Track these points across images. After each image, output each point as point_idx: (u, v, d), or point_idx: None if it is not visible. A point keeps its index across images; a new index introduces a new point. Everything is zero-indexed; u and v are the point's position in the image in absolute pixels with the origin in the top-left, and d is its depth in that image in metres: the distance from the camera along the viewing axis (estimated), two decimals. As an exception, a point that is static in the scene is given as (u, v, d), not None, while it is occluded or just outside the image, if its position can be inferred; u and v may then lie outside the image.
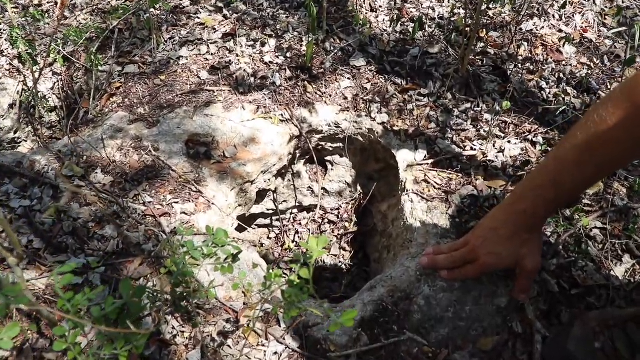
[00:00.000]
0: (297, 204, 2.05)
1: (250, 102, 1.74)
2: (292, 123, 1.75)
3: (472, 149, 1.70)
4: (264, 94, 1.76)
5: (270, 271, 0.77)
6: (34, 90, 1.78)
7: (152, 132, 1.62)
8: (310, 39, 1.74)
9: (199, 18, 2.01)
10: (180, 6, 2.06)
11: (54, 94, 1.94)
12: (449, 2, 2.18)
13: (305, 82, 1.81)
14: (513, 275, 1.27)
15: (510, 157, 1.68)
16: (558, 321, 1.30)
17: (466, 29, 1.91)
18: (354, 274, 1.97)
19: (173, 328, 1.24)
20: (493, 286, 1.31)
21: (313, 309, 0.76)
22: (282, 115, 1.74)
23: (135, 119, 1.67)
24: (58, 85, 1.93)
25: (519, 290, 1.25)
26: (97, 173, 1.51)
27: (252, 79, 1.80)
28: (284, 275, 1.98)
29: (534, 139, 1.72)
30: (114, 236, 1.38)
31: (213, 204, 1.50)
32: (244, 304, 1.32)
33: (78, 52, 1.96)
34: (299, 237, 2.05)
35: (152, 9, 1.85)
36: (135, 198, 1.46)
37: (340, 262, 2.01)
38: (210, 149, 1.63)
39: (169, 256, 1.29)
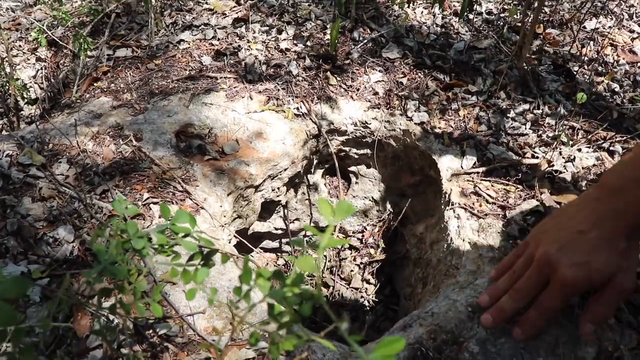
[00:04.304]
0: (312, 224, 1.70)
1: (260, 91, 1.43)
2: (310, 119, 1.43)
3: (533, 156, 1.36)
4: (277, 84, 1.45)
5: (249, 264, 0.42)
6: (10, 74, 1.51)
7: (136, 119, 1.32)
8: (335, 22, 1.44)
9: (207, 4, 1.74)
10: (188, -9, 1.80)
11: (35, 82, 1.67)
12: (497, -2, 1.89)
13: (328, 73, 1.50)
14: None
15: (583, 167, 1.32)
16: (670, 386, 0.92)
17: (520, 24, 1.60)
18: (378, 313, 1.59)
19: (130, 368, 0.89)
20: (574, 328, 0.94)
21: (321, 340, 0.41)
22: (297, 109, 1.42)
23: (119, 104, 1.37)
24: (41, 73, 1.66)
25: (592, 317, 0.86)
26: (60, 163, 1.20)
27: (264, 67, 1.49)
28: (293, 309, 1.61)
29: (611, 148, 1.37)
30: (68, 240, 1.05)
31: (202, 208, 1.17)
32: (232, 339, 0.96)
33: (68, 37, 1.70)
34: (312, 264, 1.69)
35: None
36: (103, 194, 1.14)
37: (362, 297, 1.63)
38: (205, 143, 1.31)
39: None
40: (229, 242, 1.30)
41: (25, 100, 1.66)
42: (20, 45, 1.68)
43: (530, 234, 0.93)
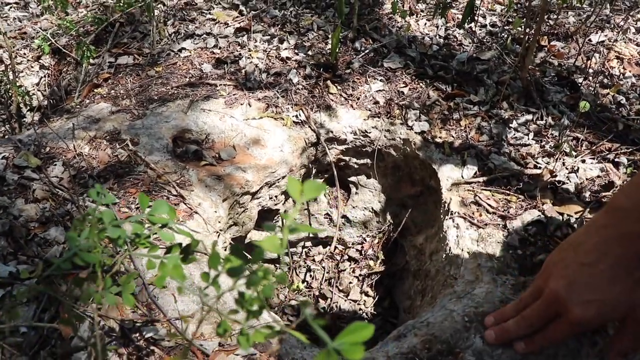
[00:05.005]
0: (310, 235, 1.68)
1: (259, 99, 1.43)
2: (309, 126, 1.42)
3: (536, 166, 1.33)
4: (276, 92, 1.45)
5: (217, 247, 0.40)
6: (13, 80, 1.52)
7: (134, 124, 1.32)
8: (336, 30, 1.44)
9: (210, 14, 1.75)
10: (192, 2, 1.82)
11: (38, 90, 1.68)
12: (501, 11, 1.88)
13: (328, 82, 1.49)
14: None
15: (587, 178, 1.29)
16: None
17: (523, 35, 1.59)
18: (377, 326, 1.55)
19: (114, 372, 0.87)
20: (575, 342, 0.91)
21: (293, 332, 0.39)
22: (296, 116, 1.41)
23: (118, 110, 1.37)
24: (44, 80, 1.67)
25: (617, 350, 0.83)
26: (56, 165, 1.20)
27: (264, 75, 1.49)
28: (288, 322, 1.58)
29: (616, 159, 1.34)
30: (59, 240, 1.04)
31: (196, 212, 1.15)
32: (219, 344, 0.94)
33: (71, 46, 1.71)
34: (310, 276, 1.66)
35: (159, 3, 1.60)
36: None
37: (360, 309, 1.60)
38: (202, 148, 1.30)
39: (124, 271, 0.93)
40: (225, 250, 1.28)
41: (28, 108, 1.67)
42: (24, 54, 1.70)
43: (543, 266, 0.90)
